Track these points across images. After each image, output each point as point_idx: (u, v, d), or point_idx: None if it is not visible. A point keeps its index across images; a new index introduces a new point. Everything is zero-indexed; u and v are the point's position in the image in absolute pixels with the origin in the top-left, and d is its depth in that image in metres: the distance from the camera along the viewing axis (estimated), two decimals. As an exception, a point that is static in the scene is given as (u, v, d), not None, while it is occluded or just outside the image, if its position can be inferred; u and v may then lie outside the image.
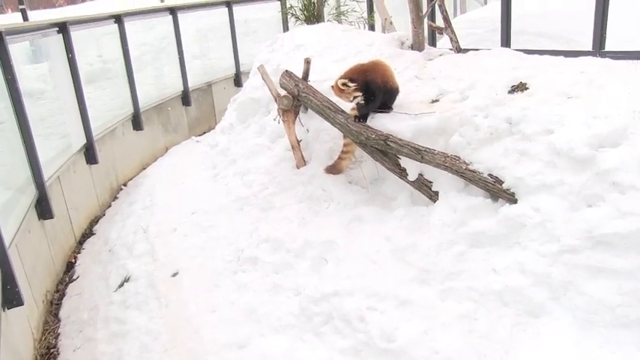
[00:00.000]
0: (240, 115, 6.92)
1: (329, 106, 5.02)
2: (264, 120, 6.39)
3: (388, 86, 4.83)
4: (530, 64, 5.03)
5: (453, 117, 4.51)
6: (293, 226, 4.90)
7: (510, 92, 4.61)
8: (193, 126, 9.91)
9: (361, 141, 4.74)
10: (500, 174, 4.03)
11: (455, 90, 4.92)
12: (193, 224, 5.73)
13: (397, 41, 6.29)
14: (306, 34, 7.06)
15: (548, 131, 3.99)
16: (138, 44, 9.08)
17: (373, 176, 5.03)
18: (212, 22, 10.93)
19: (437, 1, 6.31)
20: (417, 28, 6.03)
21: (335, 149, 5.29)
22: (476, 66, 5.23)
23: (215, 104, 10.44)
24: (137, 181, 7.90)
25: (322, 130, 5.47)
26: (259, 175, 5.74)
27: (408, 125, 4.61)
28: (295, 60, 6.32)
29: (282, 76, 5.45)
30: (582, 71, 4.56)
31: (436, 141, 4.51)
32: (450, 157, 4.27)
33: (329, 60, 6.10)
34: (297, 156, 5.49)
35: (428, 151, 4.34)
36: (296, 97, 5.29)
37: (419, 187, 4.54)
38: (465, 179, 4.21)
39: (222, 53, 10.89)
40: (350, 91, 4.68)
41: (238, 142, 6.58)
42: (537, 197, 3.77)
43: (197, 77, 10.16)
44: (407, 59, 5.76)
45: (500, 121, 4.25)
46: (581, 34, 8.08)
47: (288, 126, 5.45)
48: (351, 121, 4.81)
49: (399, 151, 4.49)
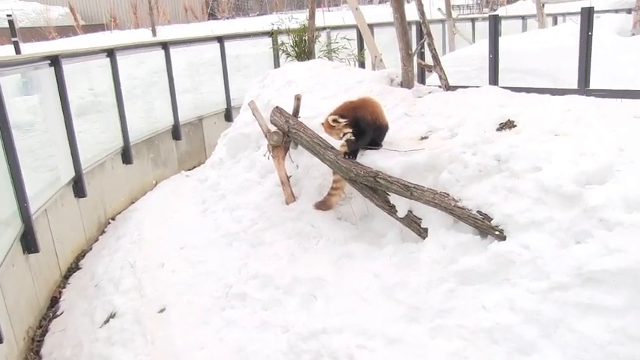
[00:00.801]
0: (230, 150, 6.94)
1: (319, 142, 5.05)
2: (255, 155, 6.40)
3: (378, 123, 4.87)
4: (518, 101, 5.11)
5: (442, 154, 4.55)
6: (282, 263, 4.87)
7: (498, 130, 4.67)
8: (183, 160, 9.91)
9: (351, 177, 4.76)
10: (489, 211, 4.05)
11: (444, 127, 4.97)
12: (182, 259, 5.69)
13: (387, 78, 6.37)
14: (297, 71, 7.14)
15: (536, 168, 4.03)
16: (129, 78, 9.14)
17: (362, 212, 5.03)
18: (204, 56, 11.03)
19: (426, 40, 6.42)
20: (406, 65, 6.12)
21: (324, 185, 5.31)
22: (464, 103, 5.30)
23: (205, 138, 10.47)
24: (126, 215, 7.86)
25: (312, 166, 5.49)
26: (249, 210, 5.73)
27: (398, 162, 4.65)
28: (286, 96, 6.38)
29: (272, 112, 5.49)
30: (569, 109, 4.64)
31: (425, 178, 4.54)
32: (439, 194, 4.29)
33: (319, 96, 6.16)
34: (287, 192, 5.49)
35: (417, 188, 4.37)
36: (286, 133, 5.32)
37: (408, 224, 4.55)
38: (454, 216, 4.23)
39: (213, 88, 10.97)
40: (340, 127, 4.72)
41: (228, 177, 6.58)
42: (526, 234, 3.78)
43: (188, 111, 10.20)
44: (396, 96, 5.83)
45: (489, 158, 4.29)
46: (567, 72, 8.23)
47: (278, 162, 5.47)
48: (341, 158, 4.84)
49: (388, 187, 4.51)
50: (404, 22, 6.14)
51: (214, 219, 6.12)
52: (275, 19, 9.94)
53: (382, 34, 11.13)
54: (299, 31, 8.98)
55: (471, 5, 48.37)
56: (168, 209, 7.26)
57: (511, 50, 9.67)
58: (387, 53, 9.09)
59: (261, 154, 6.11)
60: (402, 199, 4.51)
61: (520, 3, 38.29)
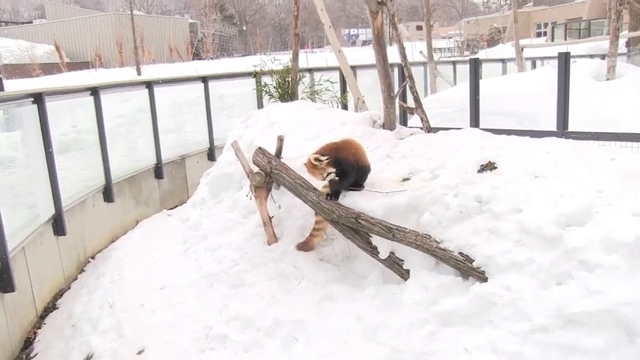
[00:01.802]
0: (212, 190, 6.93)
1: (301, 183, 5.07)
2: (237, 195, 6.40)
3: (360, 164, 4.91)
4: (499, 143, 5.18)
5: (424, 195, 4.58)
6: (263, 304, 4.82)
7: (480, 171, 4.72)
8: (165, 199, 9.85)
9: (333, 219, 4.77)
10: (471, 252, 4.06)
11: (425, 169, 5.02)
12: (162, 300, 5.61)
13: (369, 120, 6.45)
14: (281, 112, 7.20)
15: (516, 210, 4.07)
16: (113, 116, 9.14)
17: (344, 254, 5.02)
18: (187, 96, 11.09)
19: (408, 82, 6.53)
20: (388, 107, 6.21)
21: (307, 226, 5.30)
22: (446, 145, 5.37)
23: (188, 178, 10.44)
24: (106, 253, 7.76)
25: (294, 207, 5.49)
26: (230, 251, 5.69)
27: (380, 203, 4.67)
28: (269, 137, 6.41)
29: (255, 152, 5.51)
30: (548, 151, 4.71)
31: (407, 219, 4.56)
32: (421, 236, 4.30)
33: (302, 138, 6.21)
34: (269, 232, 5.48)
35: (399, 229, 4.38)
36: (268, 173, 5.33)
37: (390, 266, 4.54)
38: (435, 257, 4.24)
39: (196, 127, 11.00)
40: (323, 165, 4.74)
41: (210, 217, 6.56)
42: (508, 275, 3.79)
43: (171, 150, 10.19)
44: (379, 138, 5.89)
45: (470, 199, 4.33)
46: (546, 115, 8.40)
47: (260, 202, 5.47)
48: (323, 199, 4.85)
49: (370, 229, 4.52)
50: (386, 65, 6.25)
51: (195, 259, 6.06)
52: (258, 60, 10.06)
53: (365, 76, 11.31)
54: (282, 72, 9.10)
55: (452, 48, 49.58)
56: (149, 248, 7.19)
57: (491, 93, 9.86)
58: (370, 95, 9.22)
59: (244, 194, 6.10)
60: (385, 240, 4.51)
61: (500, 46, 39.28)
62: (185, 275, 5.84)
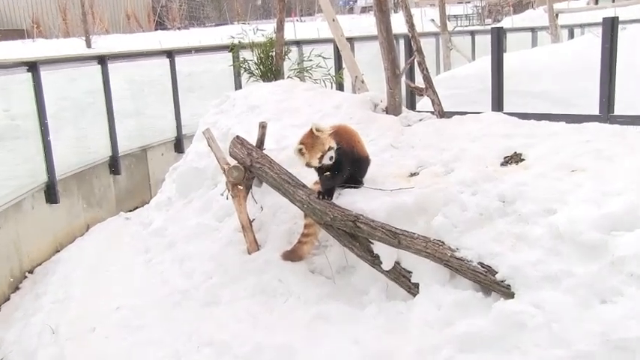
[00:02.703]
0: (180, 188, 6.91)
1: (288, 179, 5.06)
2: (210, 194, 6.38)
3: (356, 154, 4.91)
4: (527, 131, 5.20)
5: (436, 193, 4.59)
6: (242, 326, 4.81)
7: (503, 164, 4.74)
8: (123, 199, 9.82)
9: (326, 222, 4.76)
10: (493, 262, 4.06)
11: (437, 161, 5.02)
12: (118, 323, 5.58)
13: (369, 103, 6.45)
14: (263, 93, 7.18)
15: (548, 211, 4.07)
16: (57, 98, 9.08)
17: (340, 264, 5.02)
18: (149, 74, 11.05)
19: (416, 57, 6.53)
20: (392, 88, 6.21)
21: (294, 231, 5.29)
22: (462, 133, 5.38)
23: (150, 173, 10.40)
24: (48, 266, 7.71)
25: (279, 208, 5.48)
26: (202, 261, 5.68)
27: (382, 203, 4.67)
28: (249, 123, 6.39)
29: (232, 142, 5.50)
30: (588, 140, 4.72)
31: (416, 222, 4.56)
32: (433, 243, 4.31)
33: (288, 124, 6.20)
34: (249, 239, 5.47)
35: (406, 234, 4.38)
36: (248, 168, 5.33)
37: (395, 278, 4.55)
38: (450, 269, 4.24)
39: (160, 112, 10.95)
40: (325, 137, 4.69)
41: (177, 220, 6.54)
42: (539, 291, 3.78)
43: (129, 140, 10.14)
44: (381, 125, 5.89)
45: (492, 198, 4.34)
46: (586, 96, 8.39)
47: (238, 202, 5.46)
48: (314, 198, 4.84)
49: (371, 234, 4.52)
50: (390, 36, 6.25)
51: (160, 272, 6.05)
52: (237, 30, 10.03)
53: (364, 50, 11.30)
54: (265, 45, 9.07)
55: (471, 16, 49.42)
56: (103, 260, 7.16)
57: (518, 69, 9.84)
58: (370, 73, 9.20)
59: (218, 192, 6.09)
60: (388, 248, 4.52)
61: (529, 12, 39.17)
62: (147, 292, 5.83)
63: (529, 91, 9.73)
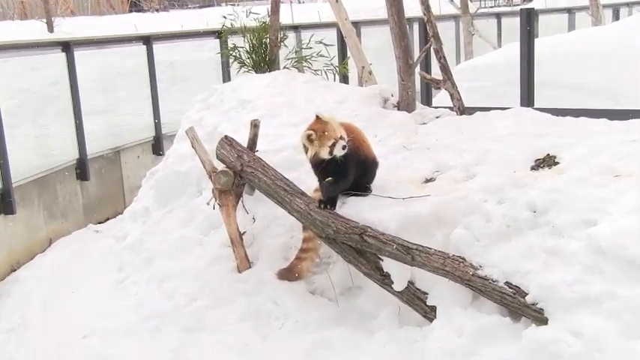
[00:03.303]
0: (159, 196, 6.91)
1: (284, 186, 5.07)
2: (194, 203, 6.40)
3: (362, 155, 4.93)
4: (561, 129, 5.20)
5: (455, 202, 4.60)
6: (232, 355, 4.82)
7: (534, 168, 4.74)
8: (92, 209, 9.82)
9: (328, 235, 4.77)
10: (523, 282, 4.06)
11: (457, 165, 5.03)
12: (86, 354, 5.57)
13: (378, 98, 6.46)
14: (255, 86, 7.19)
15: (588, 222, 4.07)
16: (13, 91, 9.06)
17: (345, 284, 5.03)
18: (123, 63, 11.03)
19: (432, 45, 6.54)
20: (405, 80, 6.22)
21: (292, 245, 5.31)
22: (486, 132, 5.38)
23: (125, 179, 10.41)
24: (2, 288, 7.65)
25: (274, 220, 5.49)
26: (185, 281, 5.68)
27: (393, 213, 4.68)
28: (239, 121, 6.41)
29: (220, 143, 5.51)
30: (634, 139, 4.71)
31: (432, 235, 4.57)
32: (452, 259, 4.31)
33: (285, 122, 6.21)
34: (239, 254, 5.48)
35: (421, 249, 4.39)
36: (238, 172, 5.33)
37: (409, 301, 4.55)
38: (473, 289, 4.24)
39: (136, 108, 10.94)
40: (336, 124, 4.70)
41: (156, 233, 6.54)
42: (577, 316, 3.77)
43: (100, 140, 10.13)
44: (392, 122, 5.90)
45: (521, 208, 4.34)
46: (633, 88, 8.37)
47: (227, 213, 5.47)
48: (315, 208, 4.85)
49: (380, 249, 4.53)
50: (402, 20, 6.26)
51: (135, 293, 6.05)
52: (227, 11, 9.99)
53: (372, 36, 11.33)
54: (258, 30, 9.07)
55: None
56: (69, 279, 7.15)
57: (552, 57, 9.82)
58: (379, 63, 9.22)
59: (204, 201, 6.09)
60: (400, 265, 4.52)
61: (564, -9, 39.00)
62: (121, 317, 5.82)
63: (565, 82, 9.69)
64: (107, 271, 6.82)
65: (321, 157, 4.75)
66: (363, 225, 4.64)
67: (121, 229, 7.50)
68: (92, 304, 6.30)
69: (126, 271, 6.54)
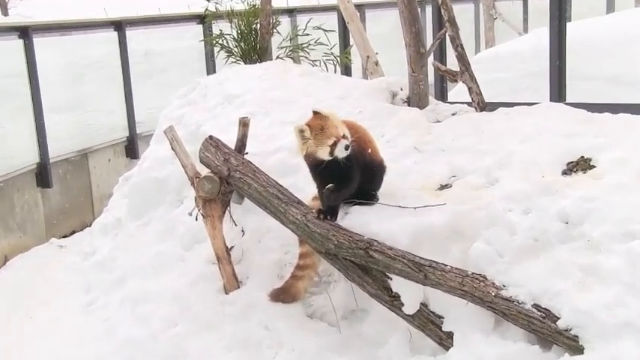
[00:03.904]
0: (134, 206, 6.91)
1: (278, 193, 5.06)
2: (174, 214, 6.41)
3: (368, 158, 4.93)
4: (598, 127, 5.20)
5: (475, 212, 4.60)
6: (217, 390, 4.83)
7: (566, 173, 4.75)
8: (55, 221, 9.81)
9: (328, 250, 4.77)
10: (554, 305, 4.06)
11: (476, 169, 5.03)
12: (49, 387, 5.60)
13: (386, 92, 6.47)
14: (244, 79, 7.21)
15: (629, 235, 4.07)
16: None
17: (347, 307, 5.04)
18: (91, 53, 11.02)
19: (448, 31, 6.54)
20: (416, 72, 6.22)
21: (286, 262, 5.32)
22: (509, 131, 5.39)
23: (94, 186, 10.41)
24: (-51, 312, 7.69)
25: (266, 232, 5.49)
26: (163, 303, 5.68)
27: (404, 225, 4.68)
28: (226, 119, 6.41)
29: (203, 144, 5.50)
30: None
31: (448, 250, 4.58)
32: (471, 278, 4.31)
33: (278, 120, 6.21)
34: (226, 273, 5.48)
35: (435, 266, 4.38)
36: (225, 178, 5.33)
37: (421, 326, 4.55)
38: (495, 313, 4.24)
39: (107, 104, 10.96)
40: (338, 120, 4.70)
41: (130, 249, 6.54)
42: (619, 345, 3.76)
43: (64, 141, 10.12)
44: (401, 120, 5.90)
45: (551, 219, 4.34)
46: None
47: (212, 225, 5.47)
48: (313, 218, 4.85)
49: (388, 266, 4.52)
50: (413, 3, 6.27)
51: (106, 318, 6.04)
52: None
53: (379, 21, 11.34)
54: (247, 15, 9.09)
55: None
56: (27, 302, 7.14)
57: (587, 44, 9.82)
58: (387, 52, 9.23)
59: (185, 211, 6.09)
60: (412, 285, 4.52)
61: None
62: (89, 345, 5.81)
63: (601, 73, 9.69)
64: (73, 292, 6.82)
65: (319, 158, 4.73)
66: (369, 238, 4.64)
67: (89, 243, 7.51)
68: (55, 331, 6.30)
69: (95, 292, 6.54)
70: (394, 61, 8.83)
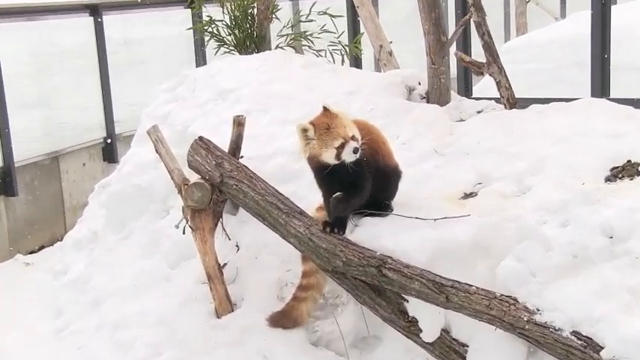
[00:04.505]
0: (112, 217, 6.92)
1: (277, 202, 5.07)
2: (159, 226, 6.43)
3: (381, 163, 4.94)
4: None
5: (504, 225, 4.60)
6: None
7: (610, 179, 4.75)
8: (21, 234, 9.82)
9: (336, 268, 4.78)
10: (596, 332, 4.05)
11: (506, 175, 5.04)
12: None
13: (401, 86, 6.49)
14: (239, 72, 7.21)
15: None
16: None
17: (358, 333, 5.05)
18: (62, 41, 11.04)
19: (472, 16, 6.55)
20: (436, 63, 6.24)
21: (287, 282, 5.35)
22: (543, 131, 5.39)
23: (65, 195, 10.42)
24: None
25: (264, 248, 5.51)
26: (147, 328, 5.69)
27: (422, 239, 4.69)
28: (218, 118, 6.43)
29: (192, 147, 5.51)
30: None
31: (472, 268, 4.59)
32: (500, 300, 4.30)
33: (278, 119, 6.22)
34: (218, 294, 5.49)
35: (458, 287, 4.38)
36: (217, 186, 5.34)
37: (442, 355, 4.56)
38: (528, 340, 4.24)
39: (81, 100, 10.96)
40: (348, 120, 4.68)
41: (108, 266, 6.55)
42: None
43: (31, 143, 10.14)
44: (419, 119, 5.92)
45: (592, 232, 4.33)
46: None
47: (202, 239, 5.47)
48: (318, 231, 4.86)
49: (404, 286, 4.53)
50: (433, -16, 6.30)
51: (80, 346, 6.04)
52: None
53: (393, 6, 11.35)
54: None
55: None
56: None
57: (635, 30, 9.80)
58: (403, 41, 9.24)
59: (171, 223, 6.10)
60: (431, 308, 4.53)
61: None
62: (60, 376, 5.84)
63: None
64: (42, 316, 6.82)
65: (324, 162, 4.71)
66: (382, 254, 4.65)
67: (61, 260, 7.51)
68: None
69: (67, 315, 6.54)
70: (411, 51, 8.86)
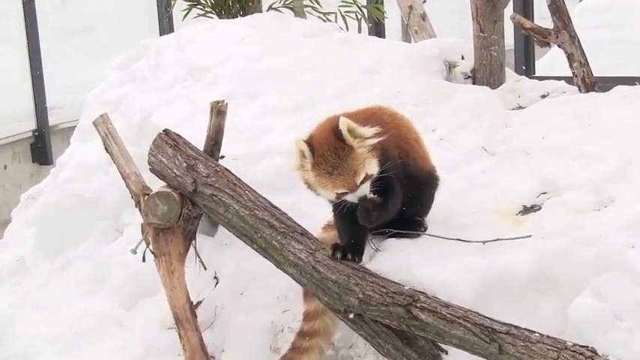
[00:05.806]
0: (46, 239, 6.93)
1: (271, 219, 5.07)
2: (109, 251, 6.46)
3: (412, 167, 4.98)
4: None
5: (578, 249, 4.62)
6: None
7: None
8: None
9: (349, 307, 4.81)
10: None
11: (580, 183, 5.07)
12: None
13: (438, 61, 6.52)
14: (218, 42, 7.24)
15: None
16: None
17: (379, 394, 5.08)
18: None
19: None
20: (485, 31, 6.28)
21: (283, 326, 5.38)
22: (632, 123, 5.42)
23: (-19, 207, 10.50)
24: None
25: (252, 280, 5.54)
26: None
27: (466, 269, 4.74)
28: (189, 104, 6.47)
29: (156, 144, 5.51)
30: None
31: (535, 308, 4.63)
32: (572, 351, 4.33)
33: (272, 107, 6.24)
34: (190, 344, 5.49)
35: (516, 334, 4.41)
36: (189, 196, 5.36)
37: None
38: (608, 402, 4.29)
39: (2, 80, 11.04)
40: (364, 149, 4.58)
41: (39, 306, 6.57)
42: None
43: None
44: (462, 106, 5.95)
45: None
46: None
47: (167, 268, 5.48)
48: (326, 258, 4.88)
49: (442, 333, 4.55)
50: None
51: None
52: None
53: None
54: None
55: None
56: None
57: None
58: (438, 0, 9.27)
59: (127, 247, 6.07)
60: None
61: None
62: None
63: None
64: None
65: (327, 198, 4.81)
66: (412, 289, 4.67)
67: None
68: None
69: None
70: (450, 13, 8.93)
